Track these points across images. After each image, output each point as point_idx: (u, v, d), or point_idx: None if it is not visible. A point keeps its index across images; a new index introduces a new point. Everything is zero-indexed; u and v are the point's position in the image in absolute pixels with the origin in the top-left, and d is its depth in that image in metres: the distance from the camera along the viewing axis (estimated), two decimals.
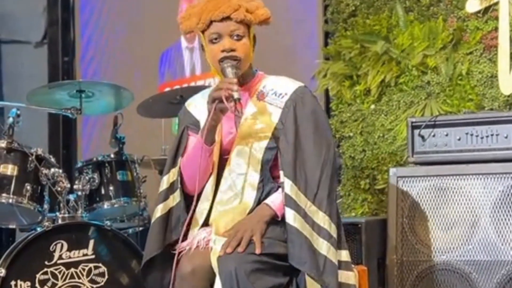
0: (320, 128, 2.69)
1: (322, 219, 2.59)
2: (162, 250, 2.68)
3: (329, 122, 2.92)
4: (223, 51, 2.67)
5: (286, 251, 2.57)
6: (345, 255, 2.67)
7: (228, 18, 2.67)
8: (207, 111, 2.64)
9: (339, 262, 2.64)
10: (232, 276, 2.46)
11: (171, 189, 2.76)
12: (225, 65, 2.66)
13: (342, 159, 4.31)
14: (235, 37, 2.68)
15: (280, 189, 2.65)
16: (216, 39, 2.69)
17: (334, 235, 2.61)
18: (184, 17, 2.74)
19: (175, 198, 2.73)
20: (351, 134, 4.31)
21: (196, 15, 2.71)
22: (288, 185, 2.60)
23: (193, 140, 2.76)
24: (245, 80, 2.76)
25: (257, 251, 2.52)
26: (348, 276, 2.65)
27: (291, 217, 2.57)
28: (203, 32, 2.72)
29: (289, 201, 2.59)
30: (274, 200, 2.64)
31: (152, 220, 2.78)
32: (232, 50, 2.67)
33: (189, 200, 2.72)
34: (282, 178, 2.62)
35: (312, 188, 2.61)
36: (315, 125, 2.69)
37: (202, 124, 2.73)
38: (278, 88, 2.75)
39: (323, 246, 2.57)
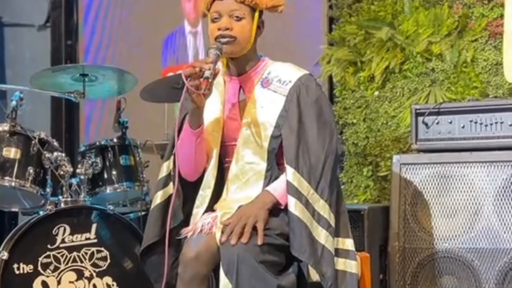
0: (323, 116, 2.67)
1: (322, 207, 2.59)
2: (162, 236, 2.67)
3: (333, 111, 2.89)
4: (219, 29, 2.65)
5: (286, 243, 2.57)
6: (349, 244, 2.67)
7: None
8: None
9: (344, 250, 2.64)
10: (234, 263, 2.46)
11: (170, 176, 2.76)
12: (211, 46, 2.62)
13: (345, 146, 4.30)
14: (234, 18, 2.65)
15: (282, 176, 2.64)
16: (216, 18, 2.67)
17: (333, 224, 2.61)
18: None
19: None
20: (355, 121, 4.30)
21: None
22: (290, 172, 2.59)
23: None
24: (248, 65, 2.73)
25: (259, 241, 2.51)
26: (351, 265, 2.65)
27: (292, 204, 2.56)
28: (209, 11, 2.70)
29: (291, 188, 2.57)
30: (276, 187, 2.63)
31: (152, 207, 2.78)
32: (228, 29, 2.63)
33: (188, 187, 2.72)
34: (285, 165, 2.61)
35: (316, 175, 2.60)
36: (319, 113, 2.67)
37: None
38: (282, 75, 2.72)
39: (321, 235, 2.57)
